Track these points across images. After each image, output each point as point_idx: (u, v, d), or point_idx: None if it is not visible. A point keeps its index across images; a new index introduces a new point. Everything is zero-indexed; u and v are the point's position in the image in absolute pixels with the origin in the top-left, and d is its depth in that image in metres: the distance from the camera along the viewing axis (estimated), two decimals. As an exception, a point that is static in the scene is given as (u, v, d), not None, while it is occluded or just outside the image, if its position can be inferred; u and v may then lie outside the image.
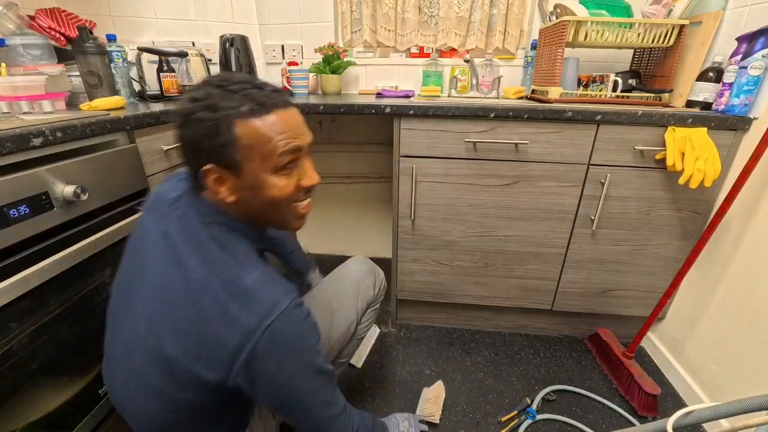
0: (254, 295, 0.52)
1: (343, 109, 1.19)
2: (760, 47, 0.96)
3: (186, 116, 0.52)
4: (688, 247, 1.21)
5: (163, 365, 0.54)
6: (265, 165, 0.53)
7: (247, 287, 0.52)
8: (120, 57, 1.21)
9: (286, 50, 1.71)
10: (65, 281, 0.76)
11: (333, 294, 0.88)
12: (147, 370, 0.56)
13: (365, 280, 0.92)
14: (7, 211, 0.64)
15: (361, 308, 0.89)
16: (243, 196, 0.56)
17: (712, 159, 1.01)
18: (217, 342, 0.51)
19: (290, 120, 0.55)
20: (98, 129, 0.81)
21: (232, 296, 0.51)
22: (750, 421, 0.56)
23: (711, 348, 1.13)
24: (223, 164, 0.53)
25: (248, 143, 0.51)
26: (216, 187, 0.54)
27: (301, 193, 0.60)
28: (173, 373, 0.54)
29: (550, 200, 1.20)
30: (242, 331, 0.50)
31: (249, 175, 0.54)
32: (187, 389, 0.55)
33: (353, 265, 0.95)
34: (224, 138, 0.51)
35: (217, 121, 0.50)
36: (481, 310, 1.47)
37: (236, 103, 0.51)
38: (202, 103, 0.51)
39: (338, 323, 0.84)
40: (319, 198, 1.96)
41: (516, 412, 1.13)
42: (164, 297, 0.55)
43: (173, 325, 0.53)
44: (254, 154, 0.52)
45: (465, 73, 1.60)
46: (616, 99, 1.24)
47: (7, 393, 0.68)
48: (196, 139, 0.52)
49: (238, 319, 0.50)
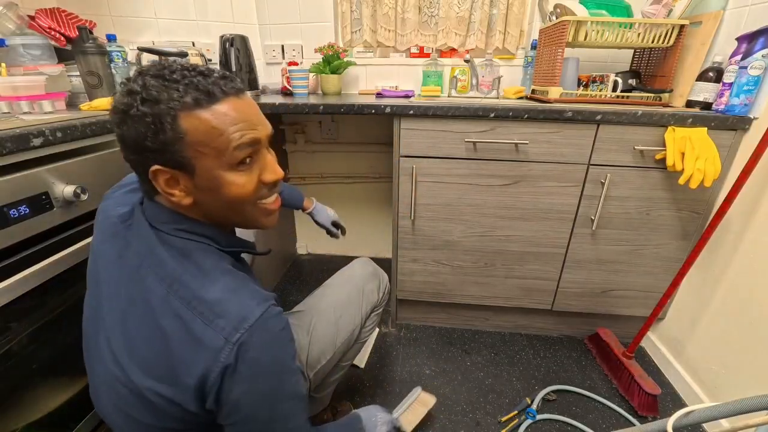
0: (219, 309, 0.46)
1: (343, 109, 1.19)
2: (760, 47, 0.96)
3: (123, 113, 0.45)
4: (688, 247, 1.21)
5: (140, 398, 0.49)
6: (220, 161, 0.47)
7: (211, 301, 0.46)
8: (120, 57, 1.20)
9: (286, 50, 1.71)
10: (65, 281, 0.76)
11: (337, 298, 0.87)
12: (125, 403, 0.51)
13: (369, 283, 0.91)
14: (7, 211, 0.64)
15: (365, 313, 0.88)
16: (200, 197, 0.50)
17: (712, 159, 1.01)
18: (185, 367, 0.45)
19: (244, 110, 0.48)
20: (98, 129, 0.81)
21: (194, 314, 0.45)
22: (750, 421, 0.56)
23: (711, 348, 1.13)
24: (172, 164, 0.46)
25: (197, 138, 0.45)
26: (169, 189, 0.48)
27: (265, 190, 0.53)
28: (151, 406, 0.48)
29: (550, 200, 1.20)
30: (207, 352, 0.44)
31: (203, 174, 0.47)
32: (168, 419, 0.50)
33: (357, 267, 0.94)
34: (169, 135, 0.44)
35: (158, 116, 0.43)
36: (481, 310, 1.47)
37: (179, 93, 0.44)
38: (140, 95, 0.44)
39: (343, 328, 0.83)
40: (319, 198, 1.96)
41: (516, 412, 1.13)
42: (124, 326, 0.50)
43: (138, 354, 0.48)
44: (206, 149, 0.46)
45: (465, 73, 1.60)
46: (616, 99, 1.24)
47: (7, 393, 0.68)
48: (138, 138, 0.45)
49: (202, 340, 0.44)
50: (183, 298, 0.46)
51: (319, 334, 0.80)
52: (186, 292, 0.47)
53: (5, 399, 0.67)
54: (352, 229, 2.04)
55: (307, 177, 1.90)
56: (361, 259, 0.98)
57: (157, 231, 0.51)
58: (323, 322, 0.81)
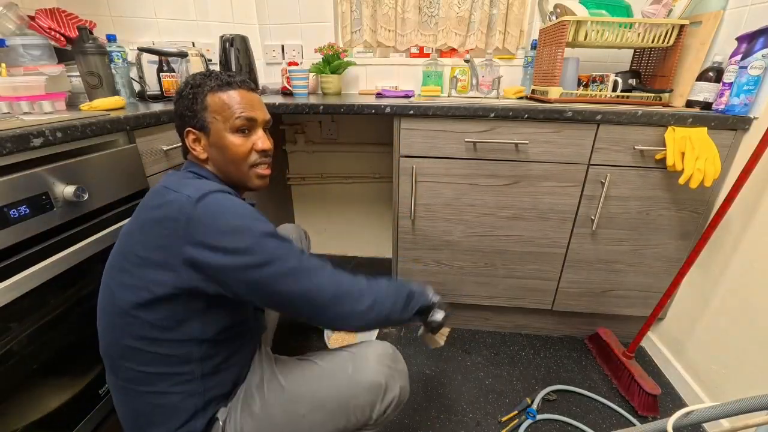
0: (189, 185, 0.61)
1: (343, 109, 1.19)
2: (760, 47, 0.96)
3: (178, 93, 0.70)
4: (688, 246, 1.21)
5: (127, 277, 0.60)
6: (225, 125, 0.68)
7: (188, 182, 0.62)
8: (120, 57, 1.21)
9: (286, 50, 1.71)
10: (66, 281, 0.76)
11: (310, 393, 0.68)
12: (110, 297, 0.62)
13: (360, 397, 0.66)
14: (8, 211, 0.64)
15: (343, 427, 0.67)
16: (212, 153, 0.69)
17: (712, 159, 1.01)
18: (161, 225, 0.58)
19: (248, 98, 0.70)
20: (98, 129, 0.81)
21: (170, 189, 0.61)
22: (750, 421, 0.56)
23: (711, 348, 1.13)
24: (198, 127, 0.68)
25: (214, 109, 0.67)
26: (194, 145, 0.69)
27: (257, 156, 0.72)
28: (132, 281, 0.59)
29: (550, 200, 1.20)
30: (172, 207, 0.58)
31: (215, 134, 0.68)
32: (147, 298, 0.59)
33: (356, 367, 0.69)
34: (199, 106, 0.67)
35: (195, 94, 0.67)
36: (481, 310, 1.47)
37: (210, 82, 0.68)
38: (190, 84, 0.69)
39: (303, 430, 0.67)
40: (319, 198, 1.96)
41: (516, 412, 1.13)
42: (131, 219, 0.65)
43: (130, 231, 0.62)
44: (219, 117, 0.68)
45: (465, 73, 1.60)
46: (616, 99, 1.24)
47: (7, 393, 0.68)
48: (182, 109, 0.69)
49: (171, 201, 0.59)
50: (167, 187, 0.62)
51: (274, 419, 0.67)
52: (172, 183, 0.63)
53: (5, 399, 0.67)
54: (352, 229, 2.05)
55: (307, 177, 1.90)
56: (371, 357, 0.69)
57: (180, 171, 0.71)
58: (281, 412, 0.67)
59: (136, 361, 0.62)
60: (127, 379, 0.63)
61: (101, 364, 0.78)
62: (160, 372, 0.62)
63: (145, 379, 0.62)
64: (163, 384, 0.63)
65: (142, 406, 0.64)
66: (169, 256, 0.57)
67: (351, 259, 2.04)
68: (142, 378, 0.62)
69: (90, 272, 0.82)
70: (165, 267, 0.58)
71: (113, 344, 0.63)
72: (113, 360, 0.64)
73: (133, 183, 0.93)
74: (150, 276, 0.58)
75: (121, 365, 0.63)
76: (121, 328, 0.61)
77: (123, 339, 0.61)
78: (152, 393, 0.63)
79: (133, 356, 0.61)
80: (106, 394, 0.88)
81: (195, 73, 0.72)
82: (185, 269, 0.57)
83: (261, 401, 0.69)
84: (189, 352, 0.63)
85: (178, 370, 0.63)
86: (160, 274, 0.58)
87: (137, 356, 0.61)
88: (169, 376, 0.63)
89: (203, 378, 0.65)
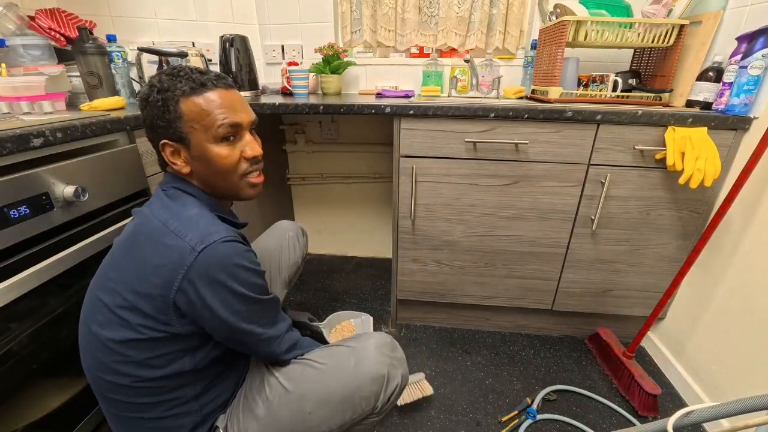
0: (189, 226, 0.57)
1: (343, 109, 1.19)
2: (760, 47, 0.96)
3: (144, 100, 0.60)
4: (688, 246, 1.21)
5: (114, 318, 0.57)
6: (208, 135, 0.60)
7: (183, 221, 0.57)
8: (120, 57, 1.21)
9: (286, 50, 1.71)
10: (66, 281, 0.76)
11: (314, 390, 0.68)
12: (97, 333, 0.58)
13: (364, 389, 0.67)
14: (8, 211, 0.64)
15: (349, 420, 0.68)
16: (196, 167, 0.63)
17: (712, 159, 1.01)
18: (155, 273, 0.55)
19: (228, 99, 0.61)
20: (98, 129, 0.81)
21: (168, 229, 0.56)
22: (750, 421, 0.56)
23: (711, 348, 1.13)
24: (175, 138, 0.60)
25: (191, 117, 0.59)
26: (172, 159, 0.62)
27: (247, 164, 0.65)
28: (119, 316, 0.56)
29: (550, 200, 1.20)
30: (176, 258, 0.54)
31: (196, 146, 0.61)
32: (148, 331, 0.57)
33: (358, 360, 0.70)
34: (172, 114, 0.59)
35: (165, 101, 0.58)
36: (481, 310, 1.47)
37: (181, 84, 0.59)
38: (155, 87, 0.59)
39: (308, 429, 0.67)
40: (319, 198, 1.96)
41: (516, 412, 1.13)
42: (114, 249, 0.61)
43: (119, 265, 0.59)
44: (197, 126, 0.59)
45: (465, 73, 1.60)
46: (616, 99, 1.24)
47: (7, 393, 0.68)
48: (152, 118, 0.60)
49: (172, 248, 0.55)
50: (162, 220, 0.57)
51: (280, 419, 0.67)
52: (165, 215, 0.58)
53: (5, 399, 0.67)
54: (352, 229, 2.05)
55: (307, 177, 1.90)
56: (372, 349, 0.71)
57: (160, 190, 0.64)
58: (288, 411, 0.67)
59: (125, 395, 0.59)
60: (118, 407, 0.61)
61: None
62: (152, 402, 0.60)
63: (136, 408, 0.61)
64: (157, 410, 0.61)
65: (137, 430, 0.62)
66: (162, 305, 0.55)
67: (351, 259, 2.04)
68: (133, 407, 0.60)
69: (90, 272, 0.82)
70: (155, 317, 0.56)
71: (99, 378, 0.60)
72: (100, 392, 0.61)
73: (133, 183, 0.93)
74: (137, 320, 0.56)
75: (110, 398, 0.60)
76: (107, 366, 0.58)
77: (108, 375, 0.58)
78: (146, 419, 0.61)
79: (120, 390, 0.59)
80: (106, 394, 0.88)
81: (160, 72, 0.62)
82: (175, 317, 0.57)
83: (264, 404, 0.68)
84: (180, 382, 0.62)
85: (169, 396, 0.61)
86: (149, 321, 0.56)
87: (125, 391, 0.59)
88: (162, 404, 0.61)
89: (197, 398, 0.65)
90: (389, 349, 0.72)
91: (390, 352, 0.72)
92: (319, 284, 1.80)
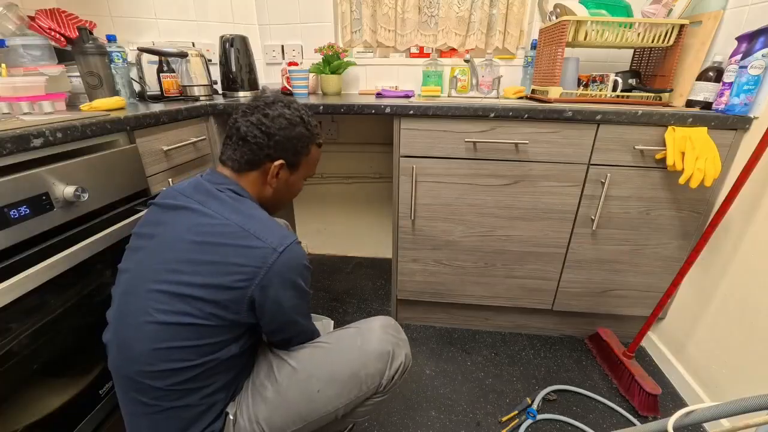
0: (266, 230, 0.63)
1: (343, 109, 1.19)
2: (760, 47, 0.96)
3: (293, 125, 0.70)
4: (688, 246, 1.21)
5: (182, 305, 0.59)
6: (305, 174, 0.78)
7: (259, 224, 0.63)
8: (120, 57, 1.21)
9: (286, 50, 1.71)
10: (66, 282, 0.76)
11: (325, 367, 0.71)
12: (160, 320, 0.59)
13: (369, 366, 0.71)
14: (8, 211, 0.64)
15: (355, 398, 0.71)
16: (278, 187, 0.74)
17: (712, 158, 1.01)
18: (239, 271, 0.60)
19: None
20: (98, 129, 0.81)
21: (248, 233, 0.62)
22: (750, 420, 0.56)
23: (712, 347, 1.13)
24: (290, 164, 0.72)
25: (310, 160, 0.76)
26: (273, 176, 0.71)
27: None
28: (190, 311, 0.59)
29: (550, 200, 1.20)
30: (259, 258, 0.60)
31: (297, 176, 0.76)
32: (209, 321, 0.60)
33: (364, 339, 0.74)
34: (305, 150, 0.74)
35: (309, 139, 0.74)
36: (482, 310, 1.47)
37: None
38: (308, 122, 0.73)
39: (319, 406, 0.70)
40: (319, 198, 1.96)
41: (516, 412, 1.13)
42: (183, 241, 0.62)
43: (188, 260, 0.60)
44: (306, 166, 0.76)
45: (465, 73, 1.60)
46: (616, 99, 1.24)
47: (7, 393, 0.68)
48: (293, 141, 0.71)
49: (255, 249, 0.61)
50: (239, 221, 0.62)
51: (289, 399, 0.69)
52: (236, 218, 0.63)
53: (5, 399, 0.67)
54: (352, 229, 2.05)
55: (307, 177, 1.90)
56: (377, 329, 0.75)
57: (214, 188, 0.67)
58: (297, 390, 0.70)
59: (168, 382, 0.61)
60: (157, 397, 0.61)
61: (101, 364, 0.78)
62: (193, 387, 0.63)
63: (173, 396, 0.62)
64: (192, 397, 0.63)
65: (163, 421, 0.63)
66: (238, 296, 0.60)
67: (351, 259, 2.04)
68: (172, 395, 0.62)
69: (90, 272, 0.83)
70: (228, 306, 0.60)
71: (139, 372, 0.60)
72: (137, 381, 0.61)
73: (133, 183, 0.93)
74: (209, 309, 0.59)
75: (147, 386, 0.61)
76: (159, 354, 0.59)
77: (157, 365, 0.60)
78: (178, 408, 0.63)
79: (169, 376, 0.60)
80: (107, 394, 0.88)
81: (307, 110, 0.75)
82: (246, 309, 0.62)
83: (273, 386, 0.71)
84: (220, 368, 0.65)
85: (206, 383, 0.64)
86: (221, 310, 0.60)
87: (174, 376, 0.60)
88: (200, 390, 0.64)
89: (225, 387, 0.68)
90: (394, 330, 0.77)
91: (394, 332, 0.76)
92: (320, 284, 1.80)
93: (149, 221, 0.68)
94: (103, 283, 0.86)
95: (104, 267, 0.86)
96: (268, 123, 0.68)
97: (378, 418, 1.13)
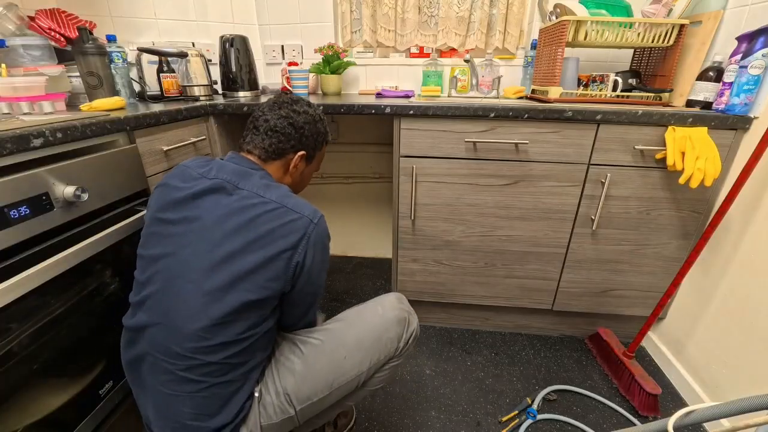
0: (301, 205, 0.70)
1: (343, 109, 1.19)
2: (760, 46, 0.96)
3: (314, 119, 0.81)
4: (688, 246, 1.21)
5: (236, 281, 0.63)
6: (315, 168, 0.89)
7: (294, 201, 0.70)
8: (120, 57, 1.21)
9: (286, 50, 1.71)
10: (66, 282, 0.76)
11: (349, 337, 0.79)
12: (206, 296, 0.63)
13: (391, 330, 0.81)
14: (8, 211, 0.64)
15: (376, 362, 0.79)
16: (295, 176, 0.82)
17: (712, 158, 1.01)
18: (285, 240, 0.66)
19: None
20: (98, 129, 0.81)
21: (287, 208, 0.68)
22: (751, 420, 0.56)
23: (712, 347, 1.13)
24: (308, 155, 0.82)
25: (321, 155, 0.87)
26: (295, 165, 0.80)
27: None
28: (240, 288, 0.63)
29: (550, 200, 1.20)
30: (300, 227, 0.67)
31: (311, 167, 0.86)
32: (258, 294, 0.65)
33: (386, 307, 0.84)
34: (320, 145, 0.85)
35: (324, 136, 0.85)
36: (482, 310, 1.47)
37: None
38: (323, 121, 0.84)
39: (345, 372, 0.77)
40: (319, 198, 1.96)
41: (517, 412, 1.13)
42: (227, 220, 0.66)
43: (241, 236, 0.65)
44: (318, 160, 0.87)
45: (465, 73, 1.60)
46: (616, 99, 1.24)
47: (7, 393, 0.68)
48: (315, 136, 0.81)
49: (296, 221, 0.67)
50: (276, 200, 0.68)
51: (317, 368, 0.75)
52: (273, 195, 0.69)
53: (5, 399, 0.67)
54: (352, 229, 2.05)
55: (307, 177, 1.90)
56: (392, 299, 0.87)
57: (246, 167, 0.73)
58: (325, 359, 0.76)
59: (221, 356, 0.64)
60: (206, 373, 0.65)
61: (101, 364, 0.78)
62: (235, 363, 0.66)
63: (221, 371, 0.65)
64: (235, 372, 0.67)
65: (203, 400, 0.65)
66: (285, 265, 0.66)
67: (351, 259, 2.04)
68: (218, 370, 0.65)
69: (90, 272, 0.83)
70: (277, 276, 0.66)
71: (199, 341, 0.63)
72: (190, 357, 0.64)
73: (133, 183, 0.93)
74: (262, 281, 0.65)
75: (200, 362, 0.64)
76: (214, 330, 0.63)
77: (213, 339, 0.63)
78: (221, 384, 0.66)
79: (217, 351, 0.64)
80: (107, 394, 0.88)
81: (321, 111, 0.85)
82: (291, 277, 0.68)
83: (300, 359, 0.76)
84: (256, 343, 0.69)
85: (246, 358, 0.68)
86: (272, 282, 0.66)
87: (222, 351, 0.64)
88: (241, 365, 0.68)
89: (259, 365, 0.72)
90: (404, 302, 0.88)
91: (405, 305, 0.87)
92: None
93: (176, 202, 0.69)
94: (103, 283, 0.86)
95: (104, 267, 0.86)
96: (297, 117, 0.77)
97: (378, 418, 1.13)
